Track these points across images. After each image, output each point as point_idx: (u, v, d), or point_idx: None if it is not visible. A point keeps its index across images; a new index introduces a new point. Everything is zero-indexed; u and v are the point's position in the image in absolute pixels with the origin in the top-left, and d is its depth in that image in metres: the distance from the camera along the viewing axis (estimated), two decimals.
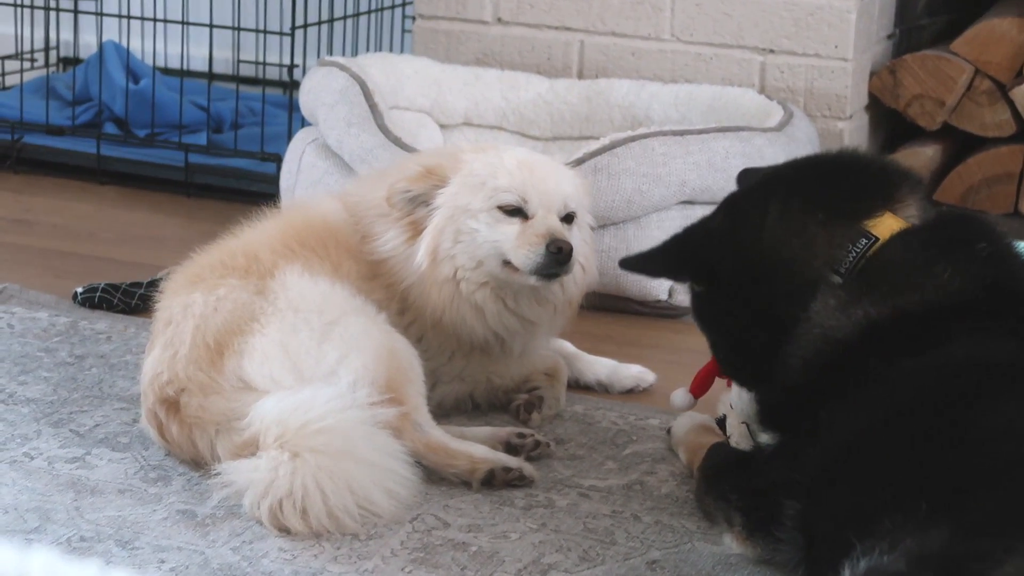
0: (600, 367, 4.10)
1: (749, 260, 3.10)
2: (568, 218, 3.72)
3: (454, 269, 3.68)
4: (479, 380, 3.82)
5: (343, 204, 3.83)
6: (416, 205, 3.69)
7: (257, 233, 3.74)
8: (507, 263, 3.66)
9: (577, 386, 4.03)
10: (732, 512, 3.14)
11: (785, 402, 3.04)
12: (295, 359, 3.39)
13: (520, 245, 3.62)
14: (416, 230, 3.69)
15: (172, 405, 3.41)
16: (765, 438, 3.11)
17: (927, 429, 2.65)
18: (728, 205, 3.25)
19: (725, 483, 3.18)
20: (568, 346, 4.11)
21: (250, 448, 3.25)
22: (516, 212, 3.66)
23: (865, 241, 2.99)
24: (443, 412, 3.73)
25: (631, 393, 4.06)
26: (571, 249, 3.61)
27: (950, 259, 2.94)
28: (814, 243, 3.03)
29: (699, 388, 3.64)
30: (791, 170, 3.25)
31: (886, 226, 3.01)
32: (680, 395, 3.66)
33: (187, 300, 3.52)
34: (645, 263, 3.30)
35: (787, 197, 3.11)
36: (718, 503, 3.20)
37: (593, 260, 3.89)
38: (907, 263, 2.97)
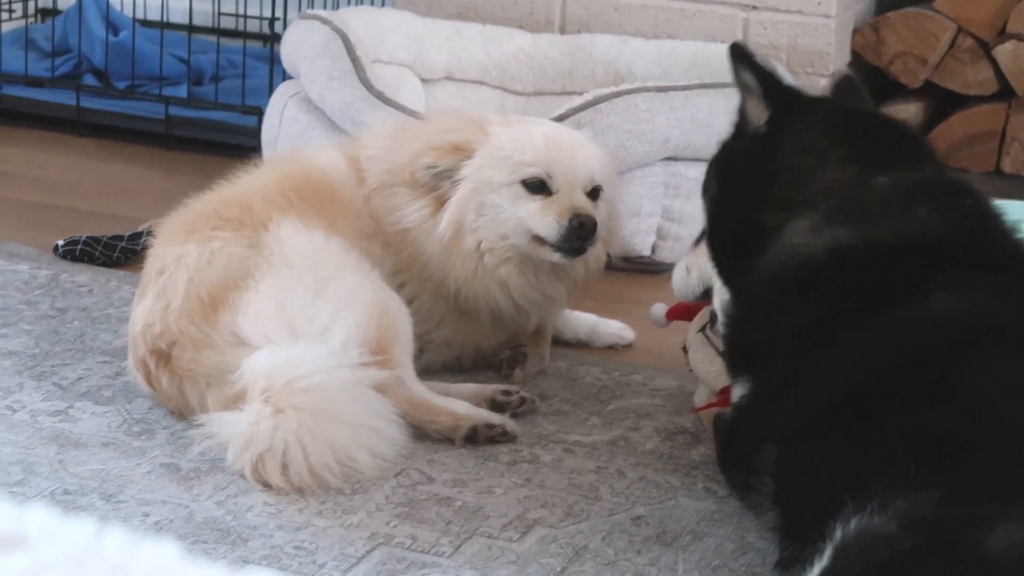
0: (580, 324, 4.10)
1: (769, 147, 3.15)
2: (594, 193, 3.70)
3: (477, 242, 3.66)
4: (467, 346, 3.81)
5: (346, 157, 3.80)
6: (441, 179, 3.66)
7: (253, 182, 3.72)
8: (535, 237, 3.64)
9: (556, 342, 4.02)
10: (740, 493, 3.14)
11: (754, 327, 3.06)
12: (289, 317, 3.38)
13: (544, 217, 3.60)
14: (440, 203, 3.66)
15: (163, 356, 3.40)
16: (739, 391, 3.11)
17: (915, 387, 2.65)
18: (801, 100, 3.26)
19: (726, 465, 3.20)
20: None
21: (240, 401, 3.25)
22: (540, 187, 3.64)
23: None
24: (430, 373, 3.72)
25: (611, 349, 4.06)
26: (594, 224, 3.60)
27: (932, 203, 2.97)
28: (825, 168, 3.07)
29: (676, 313, 3.72)
30: (853, 109, 3.31)
31: None
32: (658, 309, 3.79)
33: (181, 250, 3.50)
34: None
35: (835, 121, 3.17)
36: (732, 492, 3.21)
37: (616, 233, 3.87)
38: (887, 198, 3.00)
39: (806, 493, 2.68)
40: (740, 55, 3.15)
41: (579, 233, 3.59)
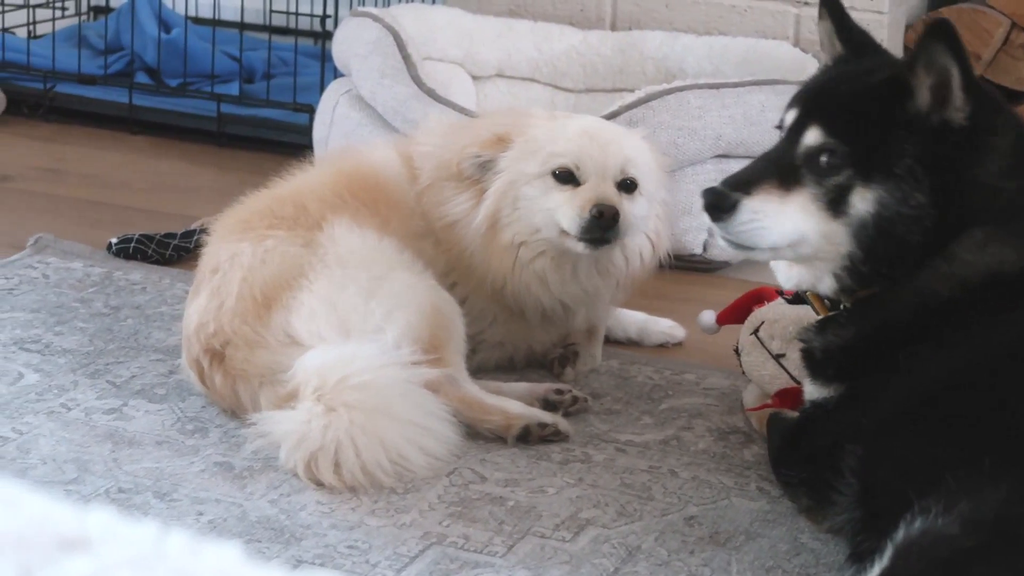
0: (630, 322, 4.09)
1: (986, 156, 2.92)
2: (627, 186, 3.67)
3: (512, 236, 3.65)
4: (519, 347, 3.81)
5: (399, 155, 3.80)
6: (486, 171, 3.66)
7: (307, 180, 3.73)
8: (563, 230, 3.62)
9: (607, 341, 4.01)
10: (798, 492, 3.13)
11: (865, 346, 2.96)
12: (342, 316, 3.38)
13: (568, 208, 3.59)
14: (483, 196, 3.67)
15: (217, 356, 3.41)
16: (823, 392, 3.06)
17: (1006, 386, 2.62)
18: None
19: (785, 462, 3.16)
20: None
21: (292, 400, 3.26)
22: (569, 178, 3.62)
23: None
24: (483, 371, 3.73)
25: (662, 348, 4.05)
26: (615, 214, 3.56)
27: None
28: (1009, 189, 2.91)
29: (726, 317, 3.70)
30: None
31: None
32: (707, 316, 3.77)
33: (235, 249, 3.51)
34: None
35: (1020, 136, 2.97)
36: (785, 489, 3.19)
37: (665, 232, 3.83)
38: None
39: (891, 488, 2.64)
40: (948, 34, 2.85)
41: (599, 223, 3.57)
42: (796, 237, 2.99)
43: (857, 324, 3.01)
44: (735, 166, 4.62)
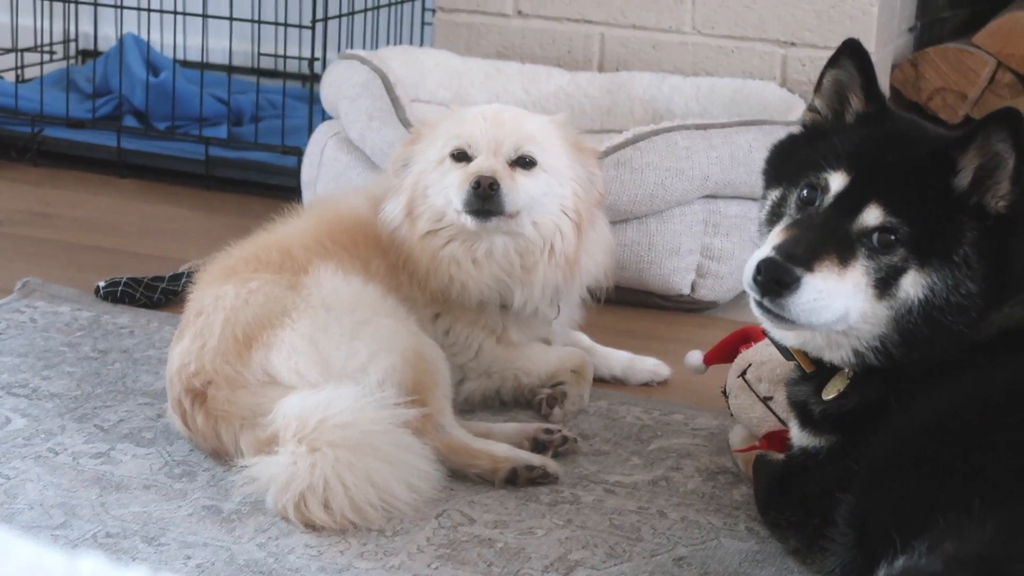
0: (615, 361, 4.09)
1: None
2: (524, 162, 3.71)
3: (426, 224, 3.72)
4: (506, 377, 3.81)
5: (368, 199, 3.86)
6: (405, 169, 3.79)
7: (291, 229, 3.75)
8: (456, 208, 3.69)
9: (594, 380, 3.99)
10: (786, 534, 3.12)
11: (866, 408, 2.90)
12: (324, 355, 3.38)
13: (460, 184, 3.65)
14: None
15: (199, 396, 3.41)
16: (813, 441, 3.05)
17: (997, 427, 2.60)
18: None
19: (774, 505, 3.15)
20: (584, 339, 4.10)
21: (273, 444, 3.25)
22: (463, 157, 3.71)
23: None
24: (469, 408, 3.73)
25: (647, 386, 4.05)
26: (491, 183, 3.61)
27: None
28: None
29: (714, 357, 3.70)
30: None
31: None
32: (695, 356, 3.76)
33: (219, 292, 3.52)
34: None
35: None
36: (773, 530, 3.18)
37: (593, 214, 3.84)
38: None
39: (887, 534, 2.61)
40: (1014, 124, 2.74)
41: (476, 193, 3.62)
42: (843, 315, 2.83)
43: (862, 393, 2.92)
44: (723, 206, 4.65)
